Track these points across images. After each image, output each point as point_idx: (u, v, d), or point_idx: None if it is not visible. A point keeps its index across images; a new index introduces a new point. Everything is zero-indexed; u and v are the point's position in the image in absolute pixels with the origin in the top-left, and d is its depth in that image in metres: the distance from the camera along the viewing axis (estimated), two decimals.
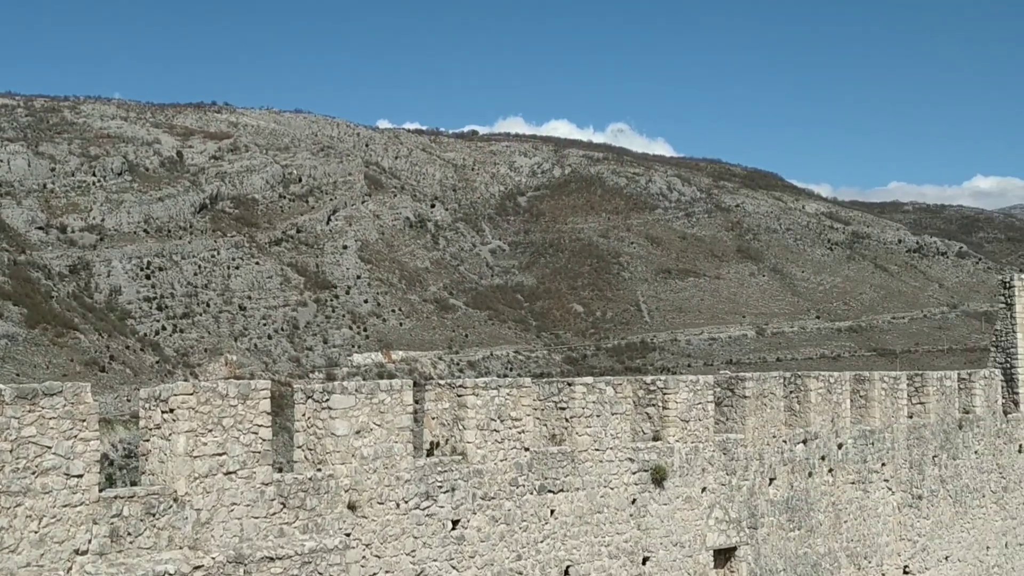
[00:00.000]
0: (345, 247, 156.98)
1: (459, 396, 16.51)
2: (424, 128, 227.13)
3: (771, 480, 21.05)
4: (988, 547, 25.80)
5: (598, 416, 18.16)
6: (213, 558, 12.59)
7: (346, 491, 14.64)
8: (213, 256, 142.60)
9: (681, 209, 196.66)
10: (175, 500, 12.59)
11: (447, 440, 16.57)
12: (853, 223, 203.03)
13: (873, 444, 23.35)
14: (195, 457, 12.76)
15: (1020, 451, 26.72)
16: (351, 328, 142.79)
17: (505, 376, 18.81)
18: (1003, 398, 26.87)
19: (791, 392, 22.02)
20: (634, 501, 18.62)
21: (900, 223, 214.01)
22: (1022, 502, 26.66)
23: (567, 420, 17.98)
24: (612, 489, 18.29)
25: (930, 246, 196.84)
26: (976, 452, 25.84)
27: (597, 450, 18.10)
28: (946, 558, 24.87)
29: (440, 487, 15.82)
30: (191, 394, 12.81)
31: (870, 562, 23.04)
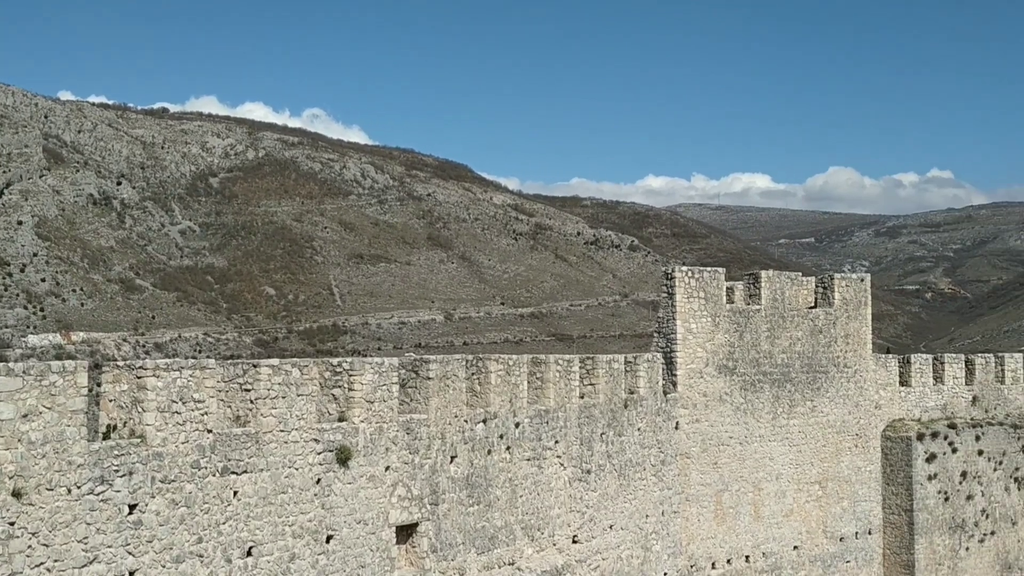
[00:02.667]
0: (20, 223, 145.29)
1: (139, 378, 16.00)
2: (111, 103, 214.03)
3: (452, 458, 21.87)
4: (648, 515, 28.06)
5: (284, 397, 18.16)
6: None
7: (10, 478, 13.84)
8: None
9: (374, 196, 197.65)
10: None
11: (125, 423, 16.01)
12: (537, 215, 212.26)
13: (548, 423, 24.77)
14: None
15: (677, 428, 29.22)
16: (26, 308, 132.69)
17: (194, 358, 18.41)
18: (664, 380, 29.25)
19: (473, 374, 22.94)
20: (319, 481, 18.78)
21: (580, 217, 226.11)
22: (677, 474, 29.19)
23: (252, 402, 17.86)
24: (297, 469, 18.37)
25: (606, 239, 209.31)
26: (639, 429, 27.99)
27: (282, 431, 18.11)
28: (611, 527, 26.82)
29: (117, 471, 15.28)
30: None
31: (543, 533, 24.48)
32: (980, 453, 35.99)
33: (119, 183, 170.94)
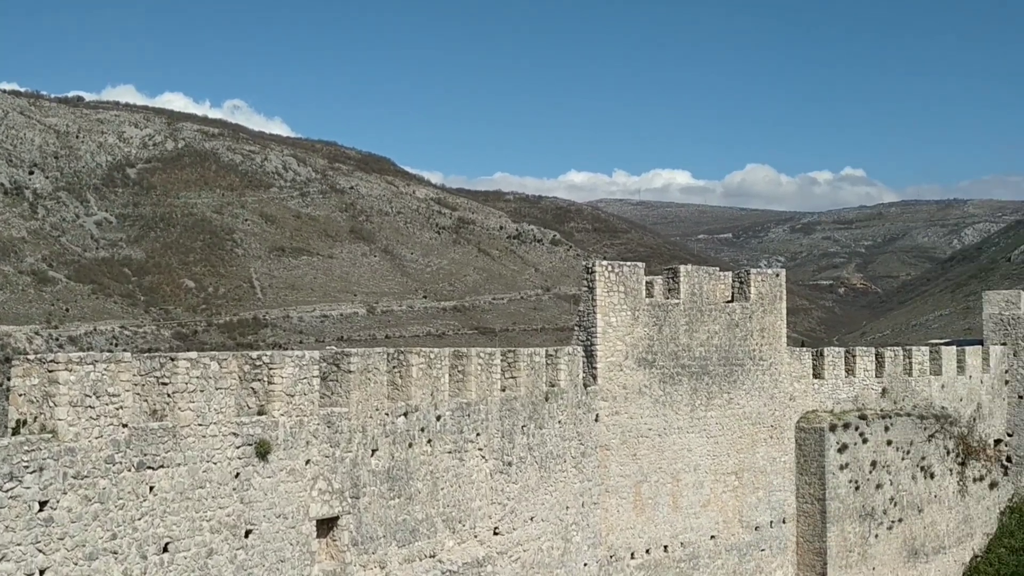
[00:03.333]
0: None
1: (50, 372, 15.67)
2: (23, 90, 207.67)
3: (373, 451, 21.84)
4: (568, 507, 28.34)
5: (202, 391, 17.96)
6: None
7: None
8: None
9: (296, 189, 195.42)
10: None
11: (36, 418, 15.69)
12: (460, 209, 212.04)
13: (469, 416, 24.87)
14: None
15: (597, 420, 29.54)
16: None
17: (110, 351, 18.06)
18: (584, 373, 29.54)
19: (394, 367, 22.93)
20: (237, 475, 18.62)
21: (502, 211, 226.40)
22: (597, 466, 29.52)
23: (169, 395, 17.63)
24: (215, 464, 18.17)
25: (528, 233, 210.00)
26: (560, 422, 28.24)
27: (200, 425, 17.90)
28: (532, 518, 27.03)
29: (27, 467, 14.97)
30: None
31: (464, 525, 24.58)
32: (889, 443, 37.04)
33: (31, 172, 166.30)
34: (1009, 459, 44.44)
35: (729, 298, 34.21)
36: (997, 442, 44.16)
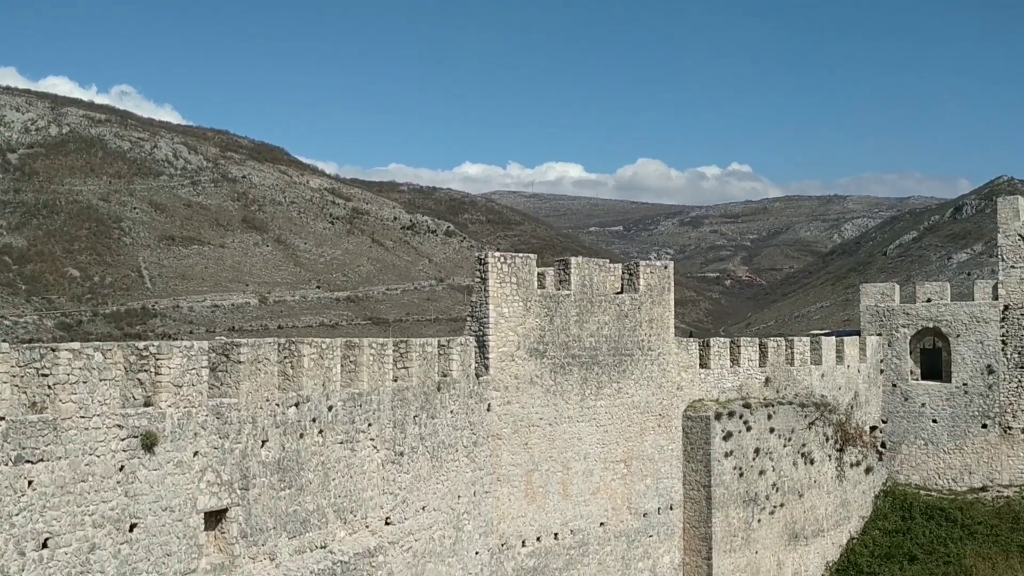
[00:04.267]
0: None
1: None
2: None
3: (264, 442, 21.67)
4: (459, 496, 28.54)
5: (85, 383, 17.59)
6: None
7: None
8: None
9: (187, 177, 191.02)
10: None
11: None
12: (354, 199, 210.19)
13: (361, 406, 24.84)
14: None
15: (489, 410, 29.79)
16: None
17: None
18: (476, 363, 29.76)
19: (285, 357, 22.77)
20: (122, 468, 18.29)
21: (396, 202, 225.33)
22: (488, 455, 29.78)
23: (50, 387, 17.22)
24: (98, 457, 17.83)
25: (422, 224, 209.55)
26: (452, 412, 28.41)
27: (83, 417, 17.53)
28: (423, 508, 27.16)
29: None
30: None
31: (356, 515, 24.57)
32: (772, 431, 38.25)
33: None
34: (884, 445, 46.32)
35: (619, 289, 34.84)
36: (872, 428, 45.99)
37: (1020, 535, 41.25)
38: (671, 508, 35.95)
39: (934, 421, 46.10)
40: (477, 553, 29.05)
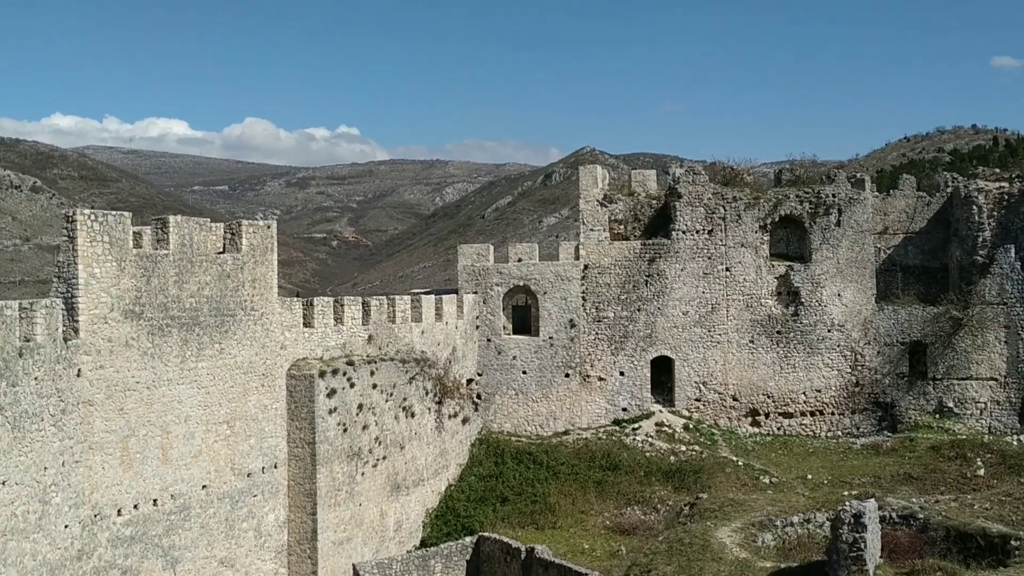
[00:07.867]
0: None
1: None
2: None
3: None
4: (46, 467, 26.76)
5: None
6: None
7: None
8: None
9: None
10: None
11: None
12: None
13: None
14: None
15: (79, 375, 28.10)
16: None
17: None
18: (64, 326, 27.95)
19: None
20: None
21: None
22: (79, 423, 28.12)
23: None
24: None
25: (4, 179, 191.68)
26: (36, 379, 26.52)
27: None
28: (3, 483, 25.24)
29: None
30: None
31: None
32: (375, 387, 39.35)
33: None
34: (479, 396, 49.20)
35: (221, 249, 34.12)
36: (469, 381, 48.69)
37: (596, 472, 45.51)
38: (275, 467, 35.98)
39: (524, 372, 49.62)
40: (67, 527, 27.46)
